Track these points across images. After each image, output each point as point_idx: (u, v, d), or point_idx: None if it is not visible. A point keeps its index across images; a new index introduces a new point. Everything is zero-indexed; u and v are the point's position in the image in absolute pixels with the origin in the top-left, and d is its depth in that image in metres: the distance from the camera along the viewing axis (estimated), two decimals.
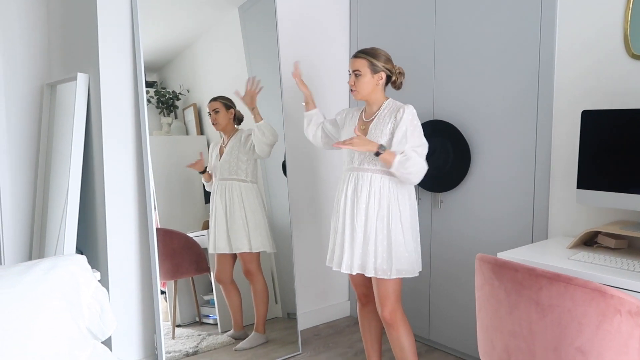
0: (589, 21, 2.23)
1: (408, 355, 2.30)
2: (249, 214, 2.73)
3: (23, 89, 2.79)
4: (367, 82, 2.25)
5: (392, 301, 2.25)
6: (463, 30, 2.68)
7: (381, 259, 2.21)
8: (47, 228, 2.68)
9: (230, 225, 2.70)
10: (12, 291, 1.57)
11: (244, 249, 2.73)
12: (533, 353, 1.55)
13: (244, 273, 2.77)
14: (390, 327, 2.28)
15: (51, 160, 2.72)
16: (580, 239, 2.08)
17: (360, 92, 2.26)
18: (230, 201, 2.69)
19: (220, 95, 2.72)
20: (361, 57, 2.26)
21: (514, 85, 2.48)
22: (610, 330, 1.41)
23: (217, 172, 2.70)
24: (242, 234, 2.72)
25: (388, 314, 2.26)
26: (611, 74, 2.16)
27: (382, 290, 2.25)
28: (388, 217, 2.21)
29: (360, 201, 2.22)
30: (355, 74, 2.26)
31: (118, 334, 2.54)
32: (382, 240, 2.21)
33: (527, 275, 1.53)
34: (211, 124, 2.70)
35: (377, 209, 2.21)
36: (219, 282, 2.72)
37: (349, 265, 2.25)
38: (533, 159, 2.43)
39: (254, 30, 2.88)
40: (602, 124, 2.02)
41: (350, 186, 2.26)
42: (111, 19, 2.44)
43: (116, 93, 2.48)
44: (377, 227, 2.21)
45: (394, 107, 2.26)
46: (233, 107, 2.74)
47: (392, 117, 2.22)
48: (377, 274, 2.22)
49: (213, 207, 2.69)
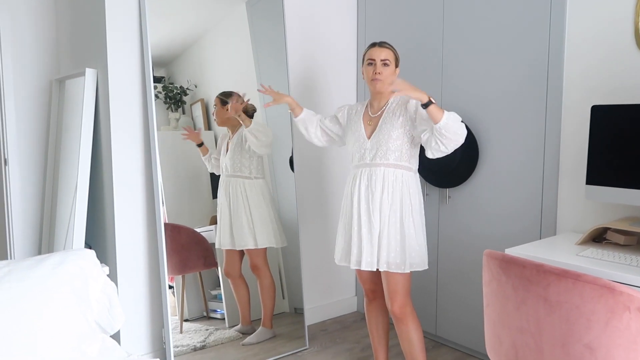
0: (599, 14, 2.20)
1: (416, 351, 2.29)
2: (253, 210, 2.73)
3: (32, 84, 2.81)
4: (392, 73, 2.25)
5: (402, 295, 2.24)
6: (471, 25, 2.66)
7: (394, 253, 2.19)
8: (56, 223, 2.70)
9: (234, 221, 2.70)
10: (21, 285, 1.59)
11: (249, 245, 2.74)
12: (541, 349, 1.54)
13: (250, 268, 2.78)
14: (399, 321, 2.28)
15: (60, 156, 2.74)
16: (589, 235, 2.07)
17: (386, 82, 2.22)
18: (235, 198, 2.69)
19: (223, 90, 2.72)
20: (388, 47, 2.25)
21: (522, 79, 2.46)
22: (619, 327, 1.40)
23: (223, 168, 2.70)
24: (247, 231, 2.72)
25: (398, 308, 2.25)
26: (621, 68, 2.14)
27: (392, 285, 2.24)
28: (401, 210, 2.20)
29: (375, 197, 2.20)
30: (383, 62, 2.23)
31: (126, 328, 2.56)
32: (395, 234, 2.20)
33: (535, 271, 1.53)
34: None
35: (391, 202, 2.19)
36: (227, 277, 2.73)
37: (369, 262, 2.21)
38: (542, 154, 2.41)
39: (262, 25, 2.88)
40: (611, 119, 2.00)
41: (364, 182, 2.24)
42: (119, 14, 2.44)
43: (124, 88, 2.49)
44: (390, 221, 2.19)
45: (400, 100, 2.26)
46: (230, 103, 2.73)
47: (402, 109, 2.22)
48: (390, 268, 2.20)
49: (219, 203, 2.70)
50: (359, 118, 2.34)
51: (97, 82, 2.54)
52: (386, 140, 2.21)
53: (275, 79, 2.89)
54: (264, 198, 2.79)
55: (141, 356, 2.60)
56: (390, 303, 2.27)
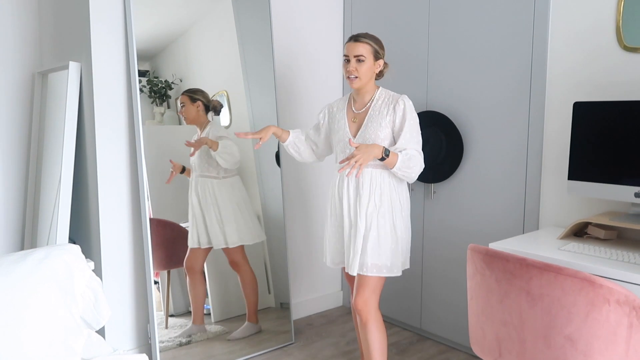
0: (581, 13, 2.24)
1: (375, 356, 2.14)
2: (222, 210, 2.69)
3: (14, 77, 2.76)
4: (369, 69, 2.13)
5: (369, 291, 2.12)
6: (457, 22, 2.68)
7: (384, 257, 2.10)
8: (39, 218, 2.67)
9: (206, 221, 2.67)
10: (6, 280, 1.57)
11: (221, 245, 2.71)
12: (523, 341, 1.57)
13: (230, 264, 2.76)
14: (361, 318, 2.14)
15: (43, 150, 2.70)
16: (571, 230, 2.11)
17: (363, 78, 2.12)
18: (204, 198, 2.66)
19: (189, 88, 2.66)
20: (364, 41, 2.12)
21: (507, 76, 2.49)
22: (599, 319, 1.43)
23: (193, 166, 2.67)
24: (217, 231, 2.69)
25: (361, 302, 2.12)
26: (603, 66, 2.18)
27: (362, 278, 2.13)
28: (392, 213, 2.13)
29: (363, 199, 2.12)
30: (357, 59, 2.10)
31: (111, 323, 2.55)
32: (386, 236, 2.11)
33: (518, 265, 1.55)
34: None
35: (379, 205, 2.11)
36: (187, 271, 2.67)
37: (361, 264, 2.11)
38: (525, 150, 2.45)
39: (248, 19, 2.87)
40: (593, 116, 2.03)
41: (352, 184, 2.16)
42: (103, 6, 2.41)
43: (108, 82, 2.46)
44: (379, 223, 2.11)
45: (388, 97, 2.17)
46: (200, 100, 2.67)
47: (390, 108, 2.13)
48: (381, 273, 2.10)
49: (190, 202, 2.65)
50: (343, 115, 2.24)
51: (81, 76, 2.51)
52: (372, 140, 2.12)
53: (261, 73, 2.88)
54: (234, 196, 2.75)
55: (127, 351, 2.59)
56: (354, 295, 2.16)
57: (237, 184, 2.76)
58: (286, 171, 3.12)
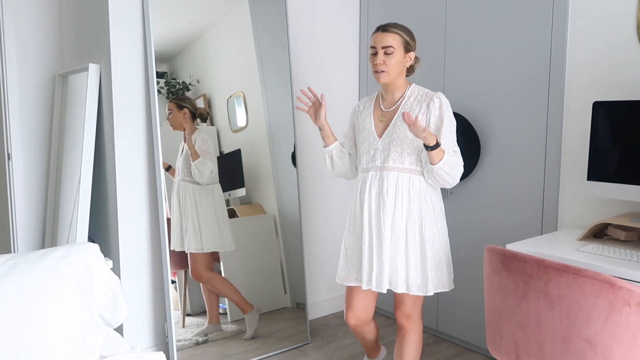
0: (601, 9, 2.20)
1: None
2: (201, 216, 2.70)
3: (35, 79, 2.82)
4: (399, 62, 1.90)
5: (409, 307, 2.00)
6: (474, 20, 2.66)
7: (414, 273, 1.91)
8: (59, 217, 2.72)
9: (183, 225, 2.67)
10: (27, 277, 1.60)
11: (192, 249, 2.67)
12: (541, 344, 1.56)
13: (192, 274, 2.70)
14: (400, 327, 2.06)
15: (63, 150, 2.75)
16: (590, 231, 2.07)
17: (391, 73, 1.90)
18: (184, 203, 2.66)
19: (177, 96, 2.65)
20: (393, 31, 1.89)
21: (524, 74, 2.47)
22: (619, 321, 1.41)
23: (177, 170, 2.67)
24: (192, 236, 2.68)
25: (402, 316, 2.02)
26: (623, 64, 2.14)
27: (401, 296, 2.00)
28: (420, 223, 1.92)
29: (387, 206, 1.90)
30: (385, 51, 1.88)
31: (129, 321, 2.58)
32: (415, 251, 1.91)
33: (536, 266, 1.54)
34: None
35: (407, 214, 1.91)
36: (198, 281, 2.68)
37: (379, 282, 1.93)
38: (543, 150, 2.42)
39: (264, 21, 2.88)
40: (613, 116, 2.00)
41: (374, 189, 1.94)
42: (122, 9, 2.45)
43: (127, 83, 2.50)
44: (408, 235, 1.91)
45: (421, 94, 1.96)
46: (187, 107, 2.66)
47: (423, 106, 1.92)
48: (410, 291, 1.92)
49: (171, 205, 2.64)
50: (369, 113, 2.03)
51: (101, 77, 2.55)
52: (401, 141, 1.91)
53: (278, 74, 2.89)
54: (213, 203, 2.72)
55: (144, 349, 2.62)
56: (395, 308, 2.06)
57: (218, 191, 2.76)
58: (302, 171, 3.13)
